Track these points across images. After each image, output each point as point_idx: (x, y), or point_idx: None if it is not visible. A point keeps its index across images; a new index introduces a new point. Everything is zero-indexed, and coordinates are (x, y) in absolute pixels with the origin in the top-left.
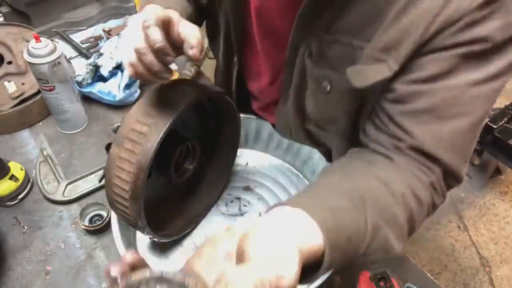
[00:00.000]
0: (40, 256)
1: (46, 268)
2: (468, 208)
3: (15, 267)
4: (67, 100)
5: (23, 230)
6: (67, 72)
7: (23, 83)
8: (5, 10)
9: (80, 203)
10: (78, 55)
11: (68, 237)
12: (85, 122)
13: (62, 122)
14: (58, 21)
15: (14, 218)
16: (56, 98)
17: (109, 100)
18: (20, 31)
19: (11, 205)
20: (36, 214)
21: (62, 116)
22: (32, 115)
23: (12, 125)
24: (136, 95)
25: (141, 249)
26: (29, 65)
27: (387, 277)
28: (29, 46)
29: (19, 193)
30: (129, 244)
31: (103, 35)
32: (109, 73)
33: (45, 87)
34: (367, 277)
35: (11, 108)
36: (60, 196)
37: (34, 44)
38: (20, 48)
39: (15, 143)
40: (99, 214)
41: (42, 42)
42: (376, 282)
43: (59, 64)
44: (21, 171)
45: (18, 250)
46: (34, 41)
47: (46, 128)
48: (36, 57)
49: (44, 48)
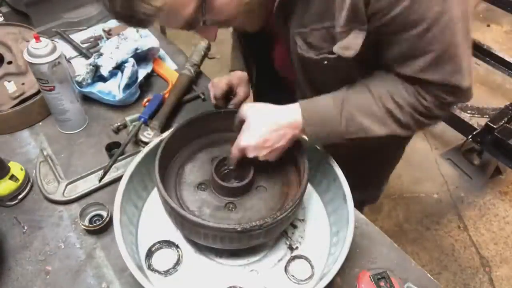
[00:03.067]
0: (40, 256)
1: (46, 268)
2: (468, 208)
3: (15, 267)
4: (67, 100)
5: (23, 230)
6: (67, 72)
7: (23, 83)
8: (5, 10)
9: (80, 203)
10: (78, 55)
11: (68, 237)
12: (85, 122)
13: (62, 122)
14: (58, 21)
15: (14, 218)
16: (56, 98)
17: (109, 100)
18: (20, 31)
19: (11, 205)
20: (36, 214)
21: (62, 116)
22: (32, 115)
23: (12, 125)
24: (136, 96)
25: (141, 249)
26: (29, 65)
27: (387, 277)
28: (29, 46)
29: (19, 193)
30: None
31: (103, 35)
32: (109, 73)
33: (45, 87)
34: (367, 277)
35: (11, 108)
36: (60, 196)
37: (34, 44)
38: (20, 48)
39: (15, 143)
40: (99, 214)
41: (42, 42)
42: (376, 282)
43: (59, 64)
44: (21, 171)
45: (18, 250)
46: (34, 41)
47: (46, 128)
48: (36, 57)
49: (44, 48)
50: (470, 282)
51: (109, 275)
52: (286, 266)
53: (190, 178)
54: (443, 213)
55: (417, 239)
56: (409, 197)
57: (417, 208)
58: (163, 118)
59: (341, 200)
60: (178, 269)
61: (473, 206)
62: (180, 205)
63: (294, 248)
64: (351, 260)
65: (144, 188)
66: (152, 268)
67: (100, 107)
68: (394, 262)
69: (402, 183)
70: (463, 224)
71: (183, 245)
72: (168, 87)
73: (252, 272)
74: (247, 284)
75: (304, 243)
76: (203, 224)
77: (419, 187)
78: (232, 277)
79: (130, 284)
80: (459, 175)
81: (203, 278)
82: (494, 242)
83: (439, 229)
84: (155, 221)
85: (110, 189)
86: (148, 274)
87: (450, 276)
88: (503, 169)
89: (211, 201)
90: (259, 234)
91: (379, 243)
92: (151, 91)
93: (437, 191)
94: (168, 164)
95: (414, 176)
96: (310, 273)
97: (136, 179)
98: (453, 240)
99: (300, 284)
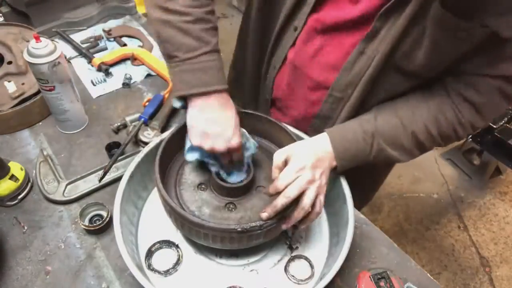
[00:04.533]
0: (40, 256)
1: (46, 268)
2: (468, 208)
3: (15, 267)
4: (67, 100)
5: (23, 230)
6: (67, 72)
7: (23, 83)
8: (5, 10)
9: (80, 203)
10: (78, 55)
11: (68, 237)
12: (85, 122)
13: (62, 122)
14: (58, 21)
15: (14, 218)
16: (56, 98)
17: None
18: (20, 31)
19: (11, 205)
20: (36, 214)
21: (62, 116)
22: (32, 115)
23: (12, 125)
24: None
25: (141, 249)
26: (29, 65)
27: (387, 277)
28: (29, 46)
29: (19, 193)
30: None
31: (103, 35)
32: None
33: (45, 87)
34: (367, 277)
35: (11, 108)
36: (60, 196)
37: (34, 44)
38: (20, 48)
39: (15, 143)
40: (99, 214)
41: (42, 42)
42: (376, 282)
43: (59, 64)
44: (21, 171)
45: (18, 250)
46: (34, 41)
47: (46, 128)
48: (36, 57)
49: (44, 48)
50: (470, 282)
51: (109, 275)
52: (286, 266)
53: (190, 178)
54: (443, 213)
55: (417, 239)
56: (409, 197)
57: (417, 208)
58: (163, 118)
59: (341, 200)
60: (178, 269)
61: (473, 206)
62: (180, 205)
63: (294, 248)
64: (351, 260)
65: (144, 188)
66: (152, 268)
67: (100, 107)
68: (394, 262)
69: (402, 183)
70: (463, 224)
71: (183, 245)
72: (168, 87)
73: (252, 272)
74: (247, 284)
75: (304, 243)
76: (203, 224)
77: (419, 187)
78: (232, 277)
79: (130, 284)
80: (459, 175)
81: (203, 278)
82: (494, 242)
83: (439, 229)
84: (155, 221)
85: (110, 189)
86: (148, 274)
87: (450, 276)
88: (503, 169)
89: (211, 201)
90: (259, 234)
91: (379, 243)
92: (151, 91)
93: (437, 191)
94: (168, 164)
95: (414, 176)
96: (310, 273)
97: (136, 179)
98: (453, 240)
99: (300, 284)
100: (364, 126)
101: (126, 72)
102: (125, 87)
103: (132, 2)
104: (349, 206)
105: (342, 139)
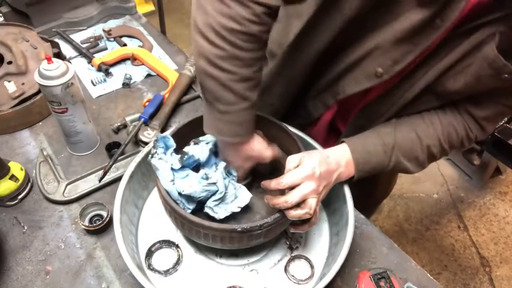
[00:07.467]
0: (40, 256)
1: (46, 268)
2: (468, 208)
3: (15, 267)
4: (79, 122)
5: (23, 230)
6: (80, 93)
7: (23, 83)
8: (5, 10)
9: (80, 203)
10: (78, 55)
11: (68, 237)
12: (97, 142)
13: (73, 144)
14: (58, 21)
15: (14, 218)
16: (68, 120)
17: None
18: (20, 31)
19: (11, 205)
20: (36, 214)
21: (74, 138)
22: (32, 115)
23: (12, 125)
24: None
25: (141, 249)
26: (41, 87)
27: (387, 277)
28: (41, 67)
29: (19, 193)
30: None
31: (103, 35)
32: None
33: (57, 110)
34: (367, 277)
35: (11, 108)
36: (60, 196)
37: (45, 65)
38: (20, 48)
39: (15, 143)
40: (99, 214)
41: (54, 63)
42: (376, 282)
43: (72, 85)
44: (21, 171)
45: (18, 250)
46: (46, 62)
47: (46, 128)
48: (48, 79)
49: (56, 70)
50: (470, 282)
51: (109, 275)
52: (286, 266)
53: None
54: (443, 213)
55: (417, 239)
56: (409, 197)
57: (417, 208)
58: (163, 118)
59: (341, 200)
60: (178, 269)
61: (473, 206)
62: None
63: (294, 248)
64: (351, 260)
65: (144, 188)
66: (152, 268)
67: (100, 107)
68: (394, 262)
69: (402, 183)
70: (463, 224)
71: (183, 245)
72: (168, 87)
73: (252, 272)
74: (247, 284)
75: (304, 243)
76: (203, 224)
77: (419, 187)
78: (232, 277)
79: (130, 284)
80: (459, 175)
81: (203, 278)
82: (494, 242)
83: (439, 229)
84: (155, 221)
85: (110, 189)
86: (148, 274)
87: (450, 276)
88: (503, 169)
89: None
90: (259, 234)
91: (379, 243)
92: (151, 91)
93: (437, 191)
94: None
95: (414, 176)
96: (310, 273)
97: (136, 179)
98: (453, 240)
99: (300, 284)
100: (384, 139)
101: (126, 72)
102: (125, 87)
103: (132, 2)
104: (349, 206)
105: (363, 150)
